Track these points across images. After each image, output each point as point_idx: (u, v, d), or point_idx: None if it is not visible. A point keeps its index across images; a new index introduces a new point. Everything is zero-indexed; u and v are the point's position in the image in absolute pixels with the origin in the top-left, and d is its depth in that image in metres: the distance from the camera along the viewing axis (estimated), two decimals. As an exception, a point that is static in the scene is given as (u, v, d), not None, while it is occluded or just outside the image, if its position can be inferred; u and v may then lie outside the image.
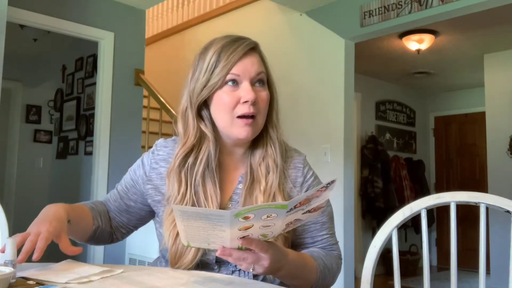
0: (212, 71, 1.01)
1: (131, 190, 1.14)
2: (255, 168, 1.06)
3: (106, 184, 3.70)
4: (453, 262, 1.12)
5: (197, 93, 1.04)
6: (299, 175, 1.10)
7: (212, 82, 1.01)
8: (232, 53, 1.01)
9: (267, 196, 1.02)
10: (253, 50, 1.05)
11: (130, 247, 3.74)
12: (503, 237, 4.21)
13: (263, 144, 1.08)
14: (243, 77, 1.01)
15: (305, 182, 1.10)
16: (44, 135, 5.44)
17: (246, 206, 0.99)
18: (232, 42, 1.04)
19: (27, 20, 3.46)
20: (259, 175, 1.05)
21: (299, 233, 1.07)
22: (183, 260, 0.98)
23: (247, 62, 1.02)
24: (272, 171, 1.05)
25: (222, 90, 1.01)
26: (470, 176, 6.26)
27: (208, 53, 1.04)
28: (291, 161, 1.11)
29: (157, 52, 5.32)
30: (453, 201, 1.14)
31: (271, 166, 1.05)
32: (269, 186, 1.03)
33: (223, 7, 4.77)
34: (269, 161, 1.06)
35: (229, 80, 1.01)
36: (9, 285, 0.74)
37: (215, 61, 1.02)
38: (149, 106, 3.85)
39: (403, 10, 3.28)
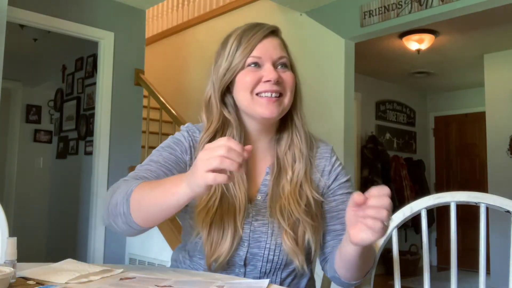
0: (234, 54, 1.01)
1: (175, 168, 1.02)
2: (281, 158, 1.05)
3: (106, 184, 3.70)
4: (453, 262, 1.12)
5: (219, 78, 1.03)
6: (327, 164, 1.09)
7: (234, 65, 1.00)
8: (253, 36, 1.00)
9: (293, 185, 1.01)
10: (274, 34, 1.04)
11: (130, 247, 3.74)
12: (503, 237, 4.21)
13: (288, 133, 1.07)
14: (264, 59, 1.00)
15: (333, 170, 1.09)
16: (44, 135, 5.44)
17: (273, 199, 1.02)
18: (253, 26, 1.03)
19: (27, 20, 3.46)
20: (286, 164, 1.04)
21: (329, 220, 1.06)
22: (220, 251, 0.96)
23: (268, 45, 1.01)
24: (299, 160, 1.04)
25: (243, 72, 1.00)
26: (470, 176, 6.26)
27: (229, 40, 1.03)
28: (318, 151, 1.09)
29: (157, 52, 5.32)
30: (453, 201, 1.14)
31: (297, 155, 1.04)
32: (296, 175, 1.02)
33: (223, 7, 4.77)
34: (295, 150, 1.05)
35: (251, 63, 1.00)
36: (9, 285, 0.74)
37: (236, 45, 1.01)
38: (149, 106, 3.85)
39: (403, 10, 3.28)
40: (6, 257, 0.79)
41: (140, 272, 0.91)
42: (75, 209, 4.14)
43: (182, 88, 5.09)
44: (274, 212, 0.99)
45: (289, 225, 0.98)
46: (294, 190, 1.00)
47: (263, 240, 0.99)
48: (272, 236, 0.99)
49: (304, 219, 0.98)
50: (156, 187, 0.85)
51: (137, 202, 0.85)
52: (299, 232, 0.99)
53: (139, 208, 0.85)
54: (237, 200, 0.99)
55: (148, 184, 0.88)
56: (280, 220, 0.98)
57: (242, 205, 0.99)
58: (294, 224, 0.98)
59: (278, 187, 1.02)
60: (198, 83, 5.23)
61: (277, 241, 0.99)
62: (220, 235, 0.97)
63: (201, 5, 5.09)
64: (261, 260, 1.00)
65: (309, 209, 1.01)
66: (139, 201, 0.85)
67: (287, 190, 1.01)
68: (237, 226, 0.97)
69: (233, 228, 0.97)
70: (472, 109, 6.28)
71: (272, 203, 1.01)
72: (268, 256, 1.00)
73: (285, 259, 1.00)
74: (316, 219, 1.02)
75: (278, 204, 0.99)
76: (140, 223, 0.87)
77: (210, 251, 0.97)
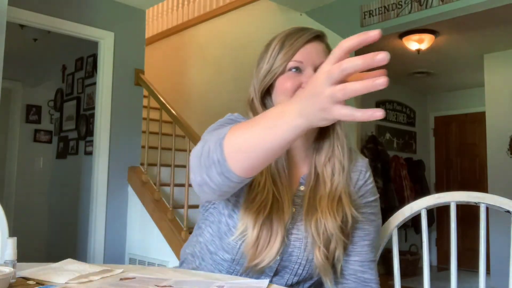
0: (276, 57, 0.98)
1: None
2: (320, 169, 1.00)
3: (106, 184, 3.70)
4: (453, 262, 1.12)
5: (260, 80, 1.01)
6: (361, 178, 1.04)
7: (274, 68, 0.98)
8: (296, 40, 0.98)
9: (331, 198, 0.96)
10: (319, 38, 1.00)
11: (130, 247, 3.74)
12: (503, 237, 4.21)
13: (329, 143, 1.01)
14: (306, 64, 0.97)
15: (364, 186, 1.04)
16: (44, 135, 5.44)
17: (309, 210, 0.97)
18: (297, 30, 1.00)
19: (27, 20, 3.46)
20: (324, 176, 0.99)
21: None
22: (265, 255, 0.92)
23: (311, 50, 0.98)
24: (338, 173, 0.98)
25: (283, 76, 0.98)
26: (470, 176, 6.26)
27: (272, 43, 1.01)
28: (354, 163, 1.05)
29: (157, 52, 5.32)
30: (453, 201, 1.14)
31: (337, 168, 0.99)
32: (334, 188, 0.97)
33: (223, 7, 4.77)
34: (336, 161, 0.99)
35: (292, 68, 0.97)
36: (9, 285, 0.74)
37: (279, 48, 0.99)
38: (149, 106, 3.85)
39: (403, 10, 3.28)
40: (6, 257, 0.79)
41: (140, 272, 0.91)
42: (75, 209, 4.14)
43: (182, 88, 5.09)
44: (309, 225, 0.96)
45: (323, 240, 0.95)
46: (332, 204, 0.96)
47: (295, 255, 0.96)
48: (305, 251, 0.96)
49: (338, 235, 0.95)
50: (254, 125, 0.69)
51: (233, 145, 0.72)
52: (331, 249, 0.96)
53: (236, 153, 0.71)
54: (285, 205, 0.95)
55: (243, 124, 0.73)
56: (314, 235, 0.95)
57: (288, 211, 0.95)
58: (327, 239, 0.95)
59: (314, 200, 0.97)
60: (198, 83, 5.27)
61: (308, 256, 0.96)
62: (267, 239, 0.92)
63: (201, 5, 5.09)
64: (289, 273, 0.98)
65: (344, 226, 0.97)
66: (235, 144, 0.72)
67: (324, 203, 0.96)
68: (284, 233, 0.94)
69: (282, 234, 0.93)
70: (472, 109, 6.28)
71: (307, 215, 0.96)
72: (297, 270, 0.97)
73: (312, 273, 0.98)
74: (349, 237, 0.99)
75: (314, 217, 0.95)
76: (238, 171, 0.72)
77: (255, 254, 0.92)
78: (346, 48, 0.57)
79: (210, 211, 1.03)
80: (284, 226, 0.94)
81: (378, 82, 0.55)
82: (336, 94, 0.57)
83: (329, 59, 0.59)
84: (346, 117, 0.58)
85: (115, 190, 3.74)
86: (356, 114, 0.57)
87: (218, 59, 4.82)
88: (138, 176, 3.71)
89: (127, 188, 3.79)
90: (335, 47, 0.59)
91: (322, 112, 0.60)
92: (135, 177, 3.73)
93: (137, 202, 3.67)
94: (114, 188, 3.73)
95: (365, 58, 0.55)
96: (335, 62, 0.58)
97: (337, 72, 0.57)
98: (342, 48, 0.58)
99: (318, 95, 0.59)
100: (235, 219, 0.95)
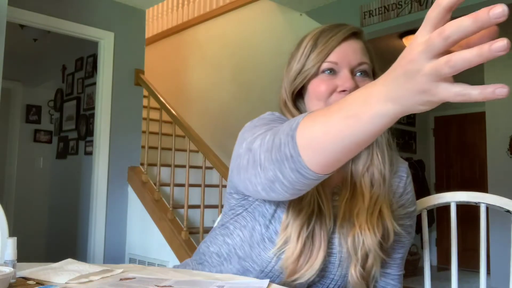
0: (308, 56, 0.90)
1: None
2: (357, 179, 0.90)
3: (106, 184, 3.70)
4: (454, 262, 1.12)
5: (290, 81, 0.92)
6: (401, 185, 0.95)
7: (306, 69, 0.89)
8: (331, 37, 0.88)
9: (370, 212, 0.87)
10: (356, 36, 0.91)
11: (130, 247, 3.74)
12: (503, 237, 4.21)
13: (368, 151, 0.91)
14: (341, 65, 0.87)
15: (404, 194, 0.95)
16: (44, 135, 5.44)
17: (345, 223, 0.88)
18: (332, 27, 0.91)
19: (27, 20, 3.46)
20: (363, 188, 0.89)
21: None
22: (308, 268, 0.84)
23: (347, 49, 0.88)
24: (378, 184, 0.89)
25: (317, 78, 0.89)
26: (470, 176, 6.26)
27: (304, 40, 0.93)
28: (396, 169, 0.96)
29: (157, 52, 5.32)
30: (453, 201, 1.14)
31: (377, 178, 0.89)
32: (374, 201, 0.88)
33: (223, 7, 4.77)
34: (375, 172, 0.90)
35: (326, 69, 0.88)
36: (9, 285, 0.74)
37: (311, 46, 0.90)
38: (149, 106, 3.85)
39: (403, 10, 3.28)
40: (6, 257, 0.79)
41: (140, 272, 0.91)
42: (75, 209, 4.14)
43: (182, 88, 5.09)
44: (344, 241, 0.88)
45: (360, 257, 0.87)
46: (371, 218, 0.87)
47: (328, 270, 0.89)
48: (339, 267, 0.89)
49: (377, 252, 0.87)
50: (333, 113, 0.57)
51: (307, 138, 0.61)
52: (367, 266, 0.88)
53: (311, 147, 0.60)
54: (326, 217, 0.87)
55: (319, 112, 0.61)
56: (351, 252, 0.87)
57: (329, 222, 0.87)
58: (364, 256, 0.87)
59: (351, 214, 0.88)
60: (198, 83, 5.26)
61: (342, 272, 0.89)
62: (309, 253, 0.85)
63: (201, 5, 5.09)
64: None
65: (385, 242, 0.89)
66: (310, 136, 0.60)
67: (363, 218, 0.87)
68: (326, 246, 0.86)
69: (324, 247, 0.86)
70: (472, 109, 6.28)
71: (342, 229, 0.89)
72: (329, 285, 0.91)
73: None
74: (388, 253, 0.92)
75: (351, 233, 0.87)
76: (314, 167, 0.61)
77: (295, 269, 0.84)
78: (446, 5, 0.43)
79: (242, 215, 0.95)
80: (327, 238, 0.87)
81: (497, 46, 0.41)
82: (442, 69, 0.44)
83: (424, 25, 0.45)
84: (459, 97, 0.45)
85: (115, 190, 3.74)
86: (473, 93, 0.44)
87: (218, 59, 4.82)
88: (138, 176, 3.71)
89: (127, 188, 3.79)
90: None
91: (422, 94, 0.47)
92: (135, 177, 3.73)
93: (137, 202, 3.67)
94: (114, 188, 3.73)
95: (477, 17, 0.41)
96: (433, 28, 0.44)
97: (439, 41, 0.43)
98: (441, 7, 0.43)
99: (415, 73, 0.46)
100: (271, 231, 0.88)
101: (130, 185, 3.77)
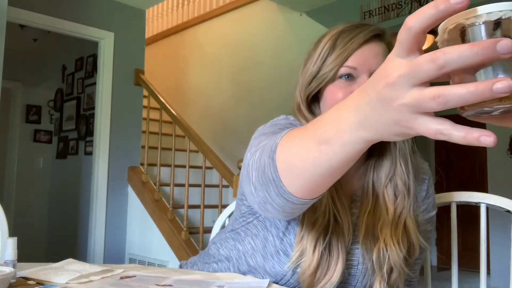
0: (325, 59, 0.83)
1: None
2: (380, 190, 0.85)
3: (106, 184, 3.70)
4: (454, 262, 1.12)
5: (305, 84, 0.86)
6: (424, 189, 0.90)
7: (323, 73, 0.83)
8: (351, 39, 0.81)
9: (395, 225, 0.82)
10: (379, 38, 0.84)
11: (130, 247, 3.74)
12: (503, 237, 4.21)
13: (391, 160, 0.85)
14: (360, 70, 0.81)
15: (426, 198, 0.90)
16: (44, 135, 5.44)
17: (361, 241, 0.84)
18: (354, 28, 0.83)
19: (27, 20, 3.46)
20: (386, 199, 0.84)
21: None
22: (327, 281, 0.80)
23: (368, 53, 0.81)
24: (402, 196, 0.83)
25: (334, 84, 0.83)
26: (470, 176, 6.26)
27: (322, 40, 0.85)
28: (418, 173, 0.91)
29: (157, 52, 5.33)
30: (453, 201, 1.14)
31: (401, 189, 0.84)
32: (398, 214, 0.83)
33: (223, 7, 4.77)
34: (398, 182, 0.84)
35: (344, 75, 0.82)
36: (9, 285, 0.74)
37: (329, 47, 0.83)
38: (149, 106, 3.86)
39: (403, 10, 3.28)
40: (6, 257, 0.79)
41: (140, 271, 0.91)
42: (75, 209, 4.14)
43: (182, 88, 5.09)
44: (369, 254, 0.83)
45: (386, 273, 0.82)
46: (396, 232, 0.82)
47: (349, 283, 0.86)
48: (360, 279, 0.86)
49: (402, 268, 0.82)
50: (307, 137, 0.54)
51: (285, 161, 0.58)
52: (392, 280, 0.83)
53: (290, 171, 0.57)
54: (345, 227, 0.83)
55: (296, 133, 0.58)
56: (376, 267, 0.82)
57: (348, 233, 0.83)
58: (388, 271, 0.83)
59: (374, 227, 0.83)
60: (198, 83, 5.27)
61: (364, 284, 0.86)
62: (326, 265, 0.80)
63: (201, 5, 5.09)
64: None
65: (410, 257, 0.85)
66: (287, 160, 0.57)
67: (387, 232, 0.82)
68: (345, 257, 0.82)
69: (343, 259, 0.81)
70: (472, 109, 6.28)
71: (366, 242, 0.84)
72: None
73: None
74: (413, 268, 0.89)
75: (376, 248, 0.82)
76: (295, 193, 0.59)
77: (313, 282, 0.80)
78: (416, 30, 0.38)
79: (253, 223, 0.90)
80: (346, 250, 0.83)
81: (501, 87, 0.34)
82: (427, 104, 0.38)
83: (397, 46, 0.40)
84: (439, 136, 0.39)
85: (115, 190, 3.74)
86: (455, 135, 0.38)
87: (218, 59, 4.82)
88: (138, 176, 3.71)
89: (127, 188, 3.79)
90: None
91: (397, 125, 0.42)
92: (135, 177, 3.73)
93: (137, 202, 3.67)
94: (114, 188, 3.73)
95: (483, 47, 0.34)
96: (407, 52, 0.39)
97: (430, 69, 0.37)
98: (411, 32, 0.38)
99: (392, 101, 0.40)
100: (285, 243, 0.84)
101: (130, 185, 3.77)
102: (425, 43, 1.77)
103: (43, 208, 4.85)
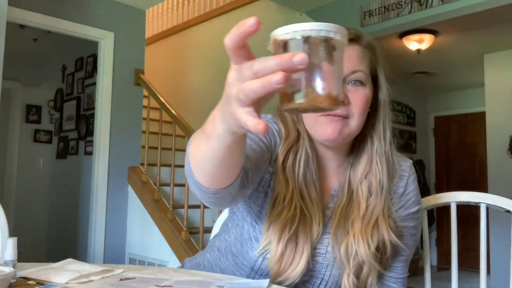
0: None
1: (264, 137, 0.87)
2: (354, 187, 0.90)
3: (106, 184, 3.70)
4: (454, 262, 1.12)
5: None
6: (402, 185, 0.93)
7: None
8: None
9: (366, 222, 0.86)
10: (353, 41, 0.87)
11: (130, 247, 3.74)
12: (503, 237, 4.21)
13: (367, 159, 0.90)
14: None
15: (405, 194, 0.93)
16: (44, 135, 5.44)
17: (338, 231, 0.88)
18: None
19: (27, 20, 3.46)
20: (359, 196, 0.89)
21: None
22: (290, 274, 0.85)
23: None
24: (376, 194, 0.88)
25: None
26: (470, 176, 6.26)
27: None
28: (396, 169, 0.94)
29: (157, 52, 5.32)
30: (453, 201, 1.14)
31: (375, 187, 0.88)
32: (370, 211, 0.87)
33: (223, 7, 4.77)
34: (373, 180, 0.89)
35: None
36: (10, 285, 0.74)
37: None
38: (149, 106, 3.85)
39: (403, 10, 3.28)
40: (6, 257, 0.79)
41: (140, 272, 0.91)
42: (75, 209, 4.14)
43: (182, 88, 5.09)
44: (337, 248, 0.87)
45: (353, 267, 0.86)
46: (366, 228, 0.86)
47: (317, 270, 0.89)
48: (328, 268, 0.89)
49: (371, 263, 0.86)
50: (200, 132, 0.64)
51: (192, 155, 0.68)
52: (362, 275, 0.87)
53: (196, 163, 0.67)
54: (313, 222, 0.87)
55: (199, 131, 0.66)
56: (344, 260, 0.86)
57: (316, 228, 0.87)
58: (358, 266, 0.86)
59: (346, 221, 0.88)
60: (198, 83, 5.26)
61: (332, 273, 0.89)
62: (291, 257, 0.85)
63: (201, 5, 5.09)
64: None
65: (381, 254, 0.88)
66: (193, 153, 0.67)
67: (357, 227, 0.86)
68: (311, 251, 0.86)
69: (308, 253, 0.85)
70: (472, 109, 6.28)
71: (336, 237, 0.88)
72: (319, 285, 0.90)
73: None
74: (386, 266, 0.91)
75: (344, 242, 0.86)
76: (204, 182, 0.69)
77: (278, 271, 0.85)
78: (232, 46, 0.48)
79: (236, 214, 0.97)
80: (311, 244, 0.87)
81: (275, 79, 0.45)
82: (238, 96, 0.48)
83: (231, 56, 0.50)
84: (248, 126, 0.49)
85: (115, 190, 3.74)
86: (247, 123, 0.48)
87: (218, 59, 4.81)
88: (138, 176, 3.71)
89: (127, 188, 3.79)
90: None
91: (233, 118, 0.51)
92: (135, 177, 3.73)
93: (137, 202, 3.67)
94: (114, 188, 3.73)
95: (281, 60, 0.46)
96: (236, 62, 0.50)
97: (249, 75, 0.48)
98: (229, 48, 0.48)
99: (229, 97, 0.50)
100: (257, 231, 0.89)
101: (130, 185, 3.77)
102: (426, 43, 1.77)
103: (43, 208, 4.85)
